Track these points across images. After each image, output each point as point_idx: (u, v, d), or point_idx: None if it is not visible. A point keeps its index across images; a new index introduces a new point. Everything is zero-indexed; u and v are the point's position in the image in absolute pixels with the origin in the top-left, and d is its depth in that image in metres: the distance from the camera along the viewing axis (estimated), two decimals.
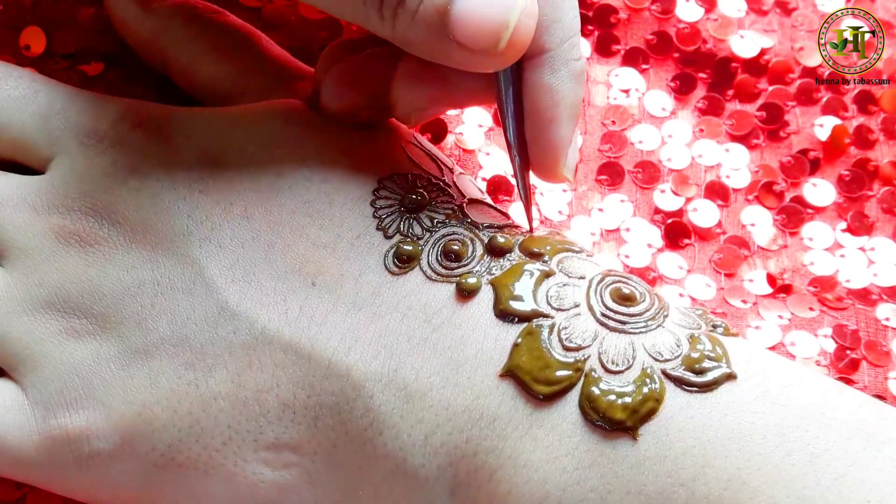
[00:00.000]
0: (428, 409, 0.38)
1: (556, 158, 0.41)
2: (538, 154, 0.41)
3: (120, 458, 0.40)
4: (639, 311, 0.40)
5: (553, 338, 0.39)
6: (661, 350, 0.39)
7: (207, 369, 0.39)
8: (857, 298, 0.50)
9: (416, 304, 0.40)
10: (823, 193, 0.53)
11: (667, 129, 0.54)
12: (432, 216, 0.42)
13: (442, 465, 0.38)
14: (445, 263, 0.41)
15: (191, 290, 0.40)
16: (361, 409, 0.39)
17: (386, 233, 0.41)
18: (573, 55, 0.40)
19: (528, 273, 0.40)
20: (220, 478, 0.40)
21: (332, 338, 0.39)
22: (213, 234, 0.41)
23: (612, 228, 0.51)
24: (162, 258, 0.41)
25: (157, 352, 0.40)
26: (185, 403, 0.39)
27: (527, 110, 0.41)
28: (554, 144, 0.41)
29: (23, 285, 0.41)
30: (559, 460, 0.37)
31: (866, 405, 0.39)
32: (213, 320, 0.40)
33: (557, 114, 0.40)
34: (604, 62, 0.55)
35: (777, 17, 0.56)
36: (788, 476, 0.36)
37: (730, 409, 0.37)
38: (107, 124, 0.43)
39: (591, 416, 0.37)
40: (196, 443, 0.39)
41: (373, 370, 0.39)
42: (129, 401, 0.39)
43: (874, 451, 0.36)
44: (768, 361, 0.39)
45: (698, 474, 0.36)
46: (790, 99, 0.54)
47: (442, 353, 0.39)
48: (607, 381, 0.38)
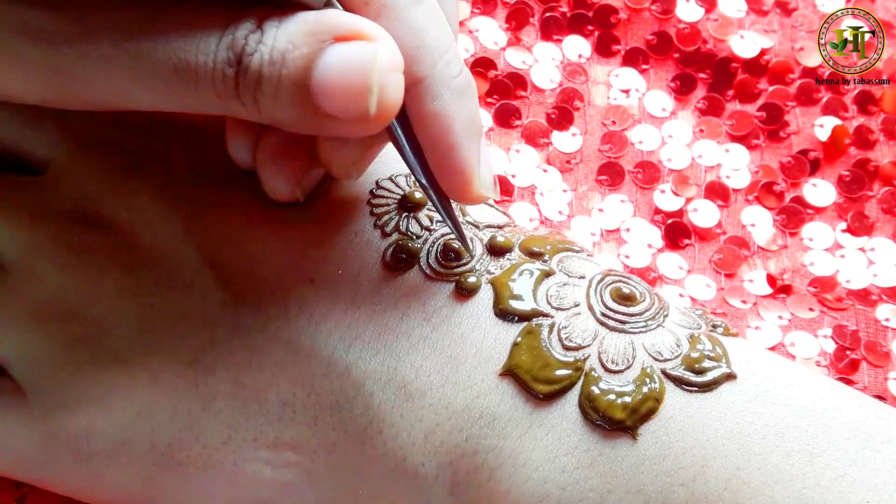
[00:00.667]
0: (427, 407, 0.38)
1: (466, 182, 0.39)
2: (447, 182, 0.39)
3: (119, 457, 0.40)
4: (639, 311, 0.40)
5: (553, 337, 0.39)
6: (660, 350, 0.39)
7: (207, 368, 0.39)
8: (857, 299, 0.50)
9: (415, 303, 0.40)
10: (823, 194, 0.53)
11: (667, 129, 0.54)
12: (431, 215, 0.42)
13: (441, 464, 0.38)
14: (445, 262, 0.41)
15: (190, 290, 0.40)
16: (361, 408, 0.39)
17: (384, 231, 0.41)
18: (451, 73, 0.38)
19: (528, 272, 0.40)
20: (220, 477, 0.39)
21: (331, 336, 0.39)
22: (212, 233, 0.41)
23: (613, 229, 0.51)
24: (161, 258, 0.41)
25: (156, 351, 0.40)
26: (185, 402, 0.39)
27: (422, 143, 0.39)
28: (460, 169, 0.38)
29: (22, 287, 0.41)
30: (559, 459, 0.37)
31: (866, 406, 0.39)
32: (212, 319, 0.40)
33: (454, 138, 0.38)
34: (604, 62, 0.55)
35: (777, 18, 0.56)
36: (788, 476, 0.36)
37: (729, 409, 0.37)
38: (103, 126, 0.43)
39: (590, 415, 0.37)
40: (196, 441, 0.39)
41: (372, 368, 0.39)
42: (129, 400, 0.39)
43: (873, 451, 0.36)
44: (768, 361, 0.39)
45: (698, 474, 0.36)
46: (790, 99, 0.54)
47: (441, 352, 0.39)
48: (607, 380, 0.38)
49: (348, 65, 0.34)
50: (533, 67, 0.54)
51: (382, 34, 0.35)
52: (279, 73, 0.34)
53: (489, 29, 0.55)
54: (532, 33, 0.55)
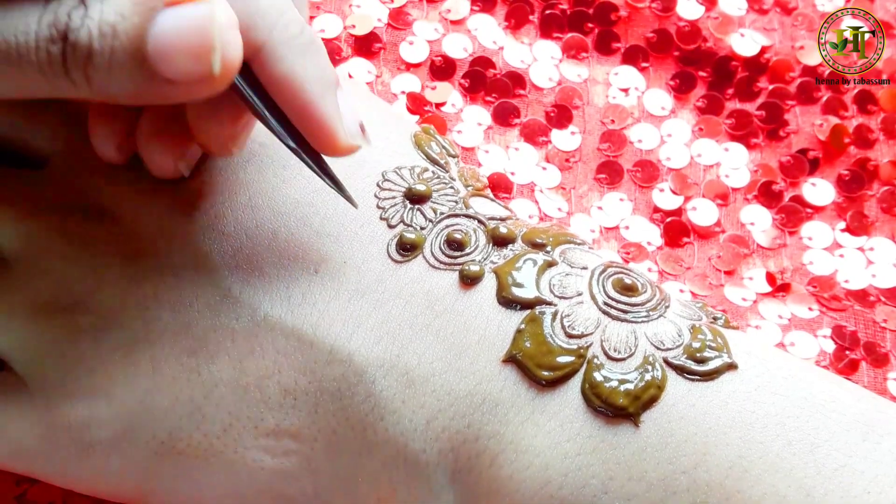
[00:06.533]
0: (430, 394, 0.38)
1: (330, 135, 0.38)
2: (313, 139, 0.39)
3: (121, 447, 0.39)
4: (640, 301, 0.40)
5: (556, 325, 0.39)
6: (662, 339, 0.39)
7: (209, 356, 0.39)
8: (856, 300, 0.50)
9: (418, 291, 0.40)
10: (823, 193, 0.53)
11: (666, 128, 0.54)
12: (435, 207, 0.42)
13: (443, 450, 0.38)
14: (448, 252, 0.41)
15: (193, 278, 0.40)
16: (363, 395, 0.39)
17: (389, 223, 0.41)
18: (290, 33, 0.37)
19: (531, 262, 0.40)
20: (221, 465, 0.39)
21: (334, 324, 0.39)
22: (217, 223, 0.41)
23: (612, 226, 0.51)
24: (162, 248, 0.41)
25: (158, 339, 0.40)
26: (187, 390, 0.39)
27: (281, 107, 0.38)
28: (321, 124, 0.38)
29: (24, 279, 0.41)
30: (561, 446, 0.37)
31: (865, 399, 0.39)
32: (215, 307, 0.40)
33: (307, 96, 0.38)
34: (604, 60, 0.55)
35: (777, 16, 0.56)
36: (789, 465, 0.36)
37: (731, 399, 0.37)
38: None
39: (593, 401, 0.37)
40: (197, 430, 0.39)
41: (375, 356, 0.39)
42: (131, 388, 0.39)
43: (873, 443, 0.37)
44: (768, 353, 0.40)
45: (700, 461, 0.36)
46: (790, 98, 0.54)
47: (444, 339, 0.39)
48: (610, 367, 0.38)
49: (186, 27, 0.34)
50: (532, 66, 0.54)
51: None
52: (111, 45, 0.34)
53: (488, 27, 0.55)
54: (531, 31, 0.55)
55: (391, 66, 0.54)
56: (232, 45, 0.34)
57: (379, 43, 0.54)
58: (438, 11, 0.55)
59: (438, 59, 0.54)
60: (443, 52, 0.54)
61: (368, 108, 0.46)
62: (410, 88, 0.53)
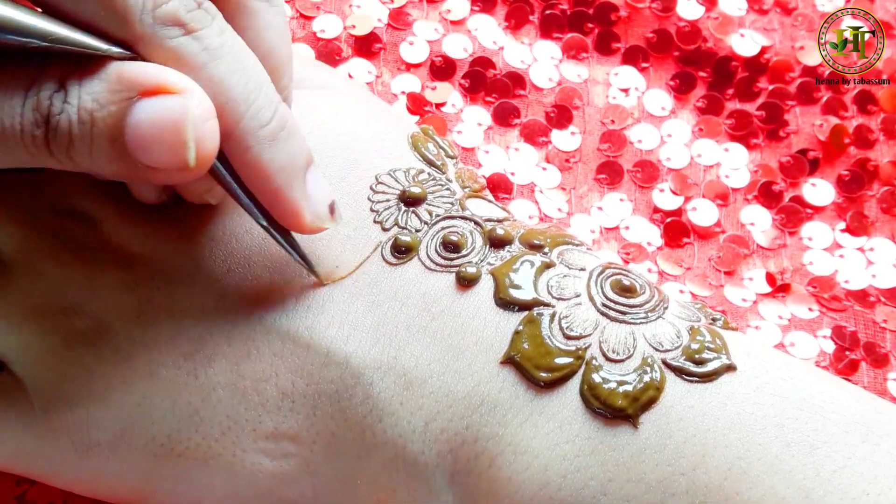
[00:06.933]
0: (428, 395, 0.38)
1: (297, 217, 0.39)
2: (281, 220, 0.39)
3: (119, 449, 0.39)
4: (639, 303, 0.40)
5: (554, 326, 0.39)
6: (661, 340, 0.39)
7: (206, 359, 0.39)
8: (856, 300, 0.50)
9: (415, 293, 0.40)
10: (823, 193, 0.53)
11: (666, 128, 0.54)
12: (431, 209, 0.42)
13: (442, 452, 0.38)
14: (444, 254, 0.41)
15: (188, 283, 0.40)
16: (361, 397, 0.39)
17: (383, 226, 0.41)
18: (259, 121, 0.37)
19: (529, 263, 0.40)
20: (219, 468, 0.39)
21: (330, 326, 0.39)
22: (209, 227, 0.41)
23: (612, 227, 0.51)
24: (157, 252, 0.41)
25: (155, 343, 0.40)
26: (185, 393, 0.39)
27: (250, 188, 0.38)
28: (289, 209, 0.38)
29: (22, 283, 0.41)
30: (560, 447, 0.37)
31: (864, 400, 0.39)
32: (210, 311, 0.40)
33: (274, 184, 0.38)
34: (603, 60, 0.55)
35: (777, 17, 0.56)
36: (788, 467, 0.36)
37: (730, 400, 0.37)
38: None
39: (591, 403, 0.37)
40: (195, 433, 0.39)
41: (372, 358, 0.39)
42: (129, 391, 0.39)
43: (873, 444, 0.36)
44: (767, 355, 0.39)
45: (699, 463, 0.36)
46: (790, 98, 0.54)
47: (442, 341, 0.39)
48: (608, 369, 0.38)
49: (160, 120, 0.34)
50: (532, 66, 0.54)
51: (190, 85, 0.35)
52: (90, 131, 0.34)
53: (488, 27, 0.55)
54: (531, 31, 0.55)
55: (391, 67, 0.54)
56: (208, 137, 0.35)
57: (379, 43, 0.54)
58: (438, 11, 0.55)
59: (438, 60, 0.54)
60: (443, 52, 0.54)
61: (367, 108, 0.46)
62: (410, 89, 0.53)
